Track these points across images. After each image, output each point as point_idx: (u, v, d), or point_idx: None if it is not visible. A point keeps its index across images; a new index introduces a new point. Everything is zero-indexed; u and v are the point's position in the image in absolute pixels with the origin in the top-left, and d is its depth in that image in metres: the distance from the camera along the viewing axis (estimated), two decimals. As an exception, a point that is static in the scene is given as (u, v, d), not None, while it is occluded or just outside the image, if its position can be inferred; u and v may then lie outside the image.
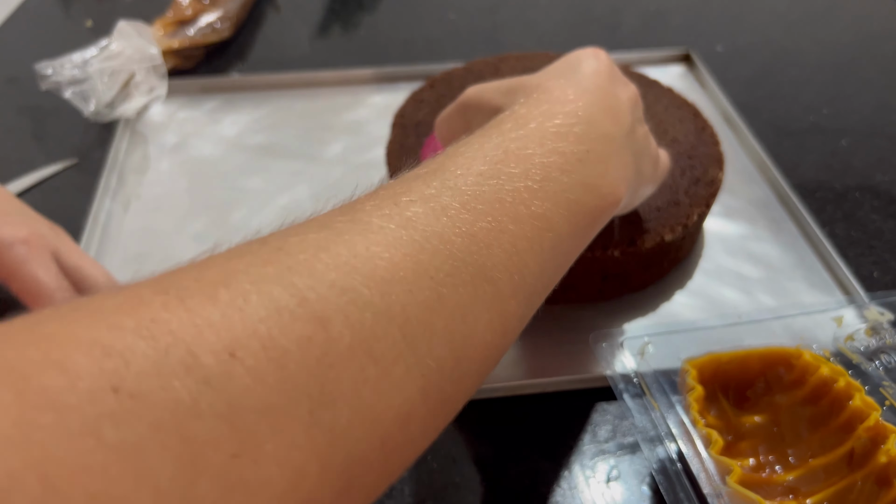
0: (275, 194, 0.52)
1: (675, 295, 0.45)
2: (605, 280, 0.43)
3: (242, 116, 0.59)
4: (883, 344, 0.36)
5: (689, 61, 0.67)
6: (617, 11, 0.77)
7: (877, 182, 0.55)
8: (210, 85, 0.62)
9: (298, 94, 0.62)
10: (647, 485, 0.36)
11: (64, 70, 0.56)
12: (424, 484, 0.36)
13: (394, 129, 0.49)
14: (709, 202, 0.44)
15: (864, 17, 0.77)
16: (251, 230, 0.46)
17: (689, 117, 0.49)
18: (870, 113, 0.62)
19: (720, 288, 0.45)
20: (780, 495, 0.32)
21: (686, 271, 0.47)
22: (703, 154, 0.46)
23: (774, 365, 0.34)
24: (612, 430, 0.38)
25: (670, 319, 0.43)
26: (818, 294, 0.45)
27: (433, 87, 0.52)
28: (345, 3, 0.79)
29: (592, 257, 0.40)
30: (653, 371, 0.34)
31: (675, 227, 0.42)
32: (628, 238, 0.41)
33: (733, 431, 0.34)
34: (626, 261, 0.41)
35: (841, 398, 0.32)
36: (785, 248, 0.48)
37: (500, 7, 0.78)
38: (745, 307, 0.44)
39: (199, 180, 0.53)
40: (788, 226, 0.50)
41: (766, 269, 0.47)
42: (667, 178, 0.43)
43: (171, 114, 0.60)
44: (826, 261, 0.47)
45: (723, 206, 0.51)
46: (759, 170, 0.55)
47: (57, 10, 0.76)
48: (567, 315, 0.43)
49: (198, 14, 0.66)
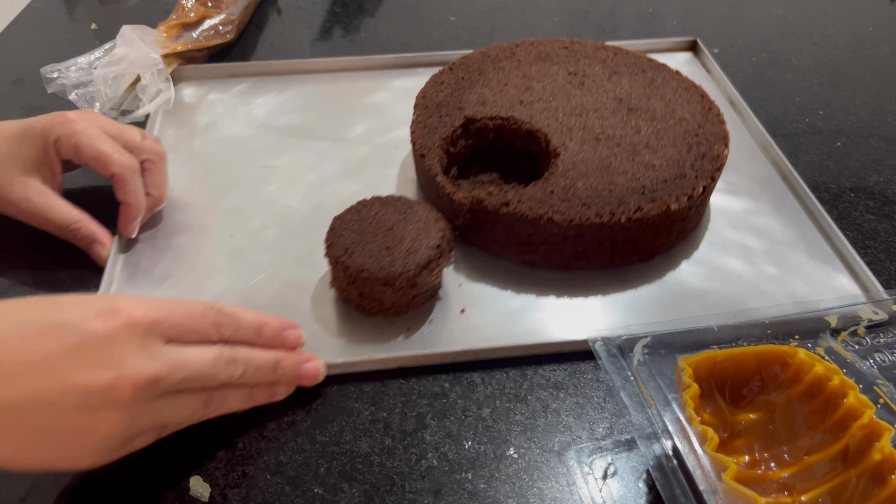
0: (303, 171, 0.55)
1: (682, 264, 0.48)
2: (615, 247, 0.45)
3: (270, 99, 0.62)
4: (877, 342, 0.36)
5: (695, 49, 0.69)
6: (614, 15, 0.78)
7: (872, 183, 0.55)
8: (237, 70, 0.65)
9: (321, 78, 0.65)
10: (644, 481, 0.36)
11: (69, 73, 0.57)
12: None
13: (416, 109, 0.52)
14: (714, 176, 0.46)
15: (860, 19, 0.77)
16: (281, 204, 0.50)
17: (696, 98, 0.52)
18: (865, 115, 0.63)
19: (725, 258, 0.48)
20: (775, 492, 0.33)
21: (692, 243, 0.49)
22: (709, 132, 0.49)
23: (770, 363, 0.35)
24: (609, 427, 0.39)
25: (677, 287, 0.46)
26: (819, 265, 0.48)
27: (452, 70, 0.55)
28: (346, 6, 0.79)
29: (601, 223, 0.43)
30: (649, 369, 0.34)
31: (681, 198, 0.44)
32: (636, 206, 0.43)
33: (729, 429, 0.34)
34: (633, 228, 0.44)
35: (835, 396, 0.33)
36: (787, 223, 0.51)
37: (499, 9, 0.79)
38: (748, 276, 0.47)
39: (231, 158, 0.56)
40: (791, 202, 0.52)
41: (769, 242, 0.49)
42: (674, 153, 0.47)
43: (201, 96, 0.63)
44: (826, 234, 0.50)
45: (727, 184, 0.54)
46: (763, 149, 0.57)
47: (62, 13, 0.77)
48: (581, 278, 0.46)
49: (201, 17, 0.66)
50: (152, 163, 0.48)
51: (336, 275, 0.42)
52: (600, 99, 0.51)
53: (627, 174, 0.45)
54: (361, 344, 0.42)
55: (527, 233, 0.44)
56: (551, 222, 0.43)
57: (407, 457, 0.37)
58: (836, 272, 0.47)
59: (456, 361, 0.41)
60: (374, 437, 0.38)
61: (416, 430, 0.38)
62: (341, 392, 0.40)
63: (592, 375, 0.41)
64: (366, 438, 0.38)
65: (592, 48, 0.57)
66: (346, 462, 0.37)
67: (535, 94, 0.52)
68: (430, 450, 0.37)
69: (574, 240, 0.44)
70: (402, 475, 0.36)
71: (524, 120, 0.49)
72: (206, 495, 0.35)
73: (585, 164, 0.46)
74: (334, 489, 0.36)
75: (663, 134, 0.48)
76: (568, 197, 0.44)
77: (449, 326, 0.43)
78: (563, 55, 0.56)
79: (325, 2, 0.81)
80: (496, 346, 0.41)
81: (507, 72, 0.54)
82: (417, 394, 0.40)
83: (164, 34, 0.63)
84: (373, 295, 0.41)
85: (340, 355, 0.41)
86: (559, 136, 0.48)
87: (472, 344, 0.42)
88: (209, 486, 0.35)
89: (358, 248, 0.41)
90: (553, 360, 0.42)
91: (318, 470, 0.36)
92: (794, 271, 0.47)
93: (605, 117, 0.50)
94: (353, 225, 0.42)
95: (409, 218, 0.42)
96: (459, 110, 0.51)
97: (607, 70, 0.55)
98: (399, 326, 0.43)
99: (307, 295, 0.45)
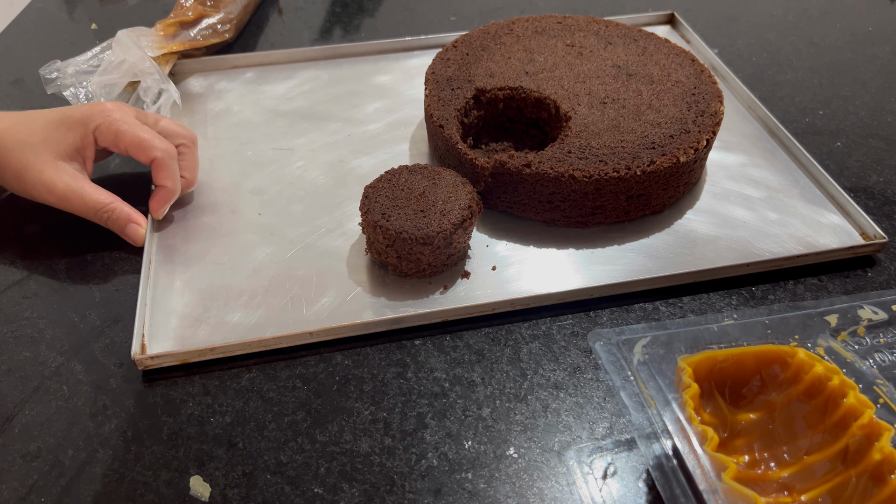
0: (319, 152, 0.57)
1: (689, 214, 0.52)
2: (630, 201, 0.49)
3: (277, 87, 0.64)
4: (877, 342, 0.36)
5: (672, 23, 0.74)
6: (615, 17, 0.78)
7: (872, 183, 0.55)
8: (239, 61, 0.67)
9: (322, 65, 0.67)
10: (644, 481, 0.36)
11: (67, 72, 0.57)
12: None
13: (428, 84, 0.55)
14: (714, 130, 0.50)
15: (860, 19, 0.77)
16: (305, 182, 0.53)
17: (687, 62, 0.56)
18: (865, 115, 0.63)
19: (728, 207, 0.52)
20: (775, 492, 0.33)
21: (696, 195, 0.53)
22: (704, 91, 0.53)
23: (770, 363, 0.35)
24: (609, 427, 0.39)
25: (688, 234, 0.50)
26: (814, 207, 0.52)
27: (456, 48, 0.58)
28: (346, 6, 0.79)
29: (619, 177, 0.47)
30: (649, 369, 0.34)
31: (688, 150, 0.48)
32: (648, 160, 0.47)
33: (729, 429, 0.35)
34: (647, 180, 0.48)
35: (835, 396, 0.33)
36: (780, 173, 0.55)
37: (499, 9, 0.79)
38: (753, 221, 0.51)
39: (247, 142, 0.58)
40: (781, 154, 0.57)
41: (767, 190, 0.54)
42: (675, 112, 0.51)
43: (209, 85, 0.64)
44: (817, 179, 0.54)
45: (722, 141, 0.58)
46: (749, 109, 0.62)
47: (62, 13, 0.77)
48: (598, 232, 0.50)
49: (200, 16, 0.66)
50: (186, 147, 0.51)
51: (374, 239, 0.45)
52: (600, 67, 0.55)
53: (636, 132, 0.49)
54: (403, 302, 0.45)
55: (548, 191, 0.48)
56: (573, 179, 0.47)
57: (407, 457, 0.37)
58: (829, 213, 0.52)
59: (495, 313, 0.44)
60: (374, 437, 0.38)
61: (416, 430, 0.38)
62: (341, 392, 0.40)
63: (592, 375, 0.41)
64: (366, 438, 0.38)
65: (584, 22, 0.61)
66: (346, 462, 0.37)
67: (538, 65, 0.55)
68: (430, 450, 0.37)
69: (593, 195, 0.48)
70: (402, 475, 0.36)
71: (532, 89, 0.53)
72: (206, 495, 0.35)
73: (596, 125, 0.50)
74: (334, 489, 0.36)
75: (663, 95, 0.53)
76: (585, 155, 0.48)
77: (484, 282, 0.46)
78: (559, 29, 0.60)
79: (325, 2, 0.81)
80: (531, 295, 0.44)
81: (508, 46, 0.58)
82: (417, 394, 0.40)
83: (161, 33, 0.63)
84: (411, 256, 0.44)
85: (385, 312, 0.44)
86: (568, 102, 0.52)
87: (508, 296, 0.45)
88: (209, 486, 0.35)
89: (394, 213, 0.43)
90: (577, 307, 0.45)
91: (318, 470, 0.36)
92: (793, 215, 0.51)
93: (607, 83, 0.53)
94: (386, 192, 0.45)
95: (438, 183, 0.45)
96: (470, 83, 0.54)
97: (602, 41, 0.58)
98: (436, 286, 0.46)
99: (342, 262, 0.47)
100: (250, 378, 0.41)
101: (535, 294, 0.44)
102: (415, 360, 0.42)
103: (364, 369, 0.41)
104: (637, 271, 0.47)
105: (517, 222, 0.50)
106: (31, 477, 0.36)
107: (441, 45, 0.68)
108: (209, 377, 0.41)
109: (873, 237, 0.49)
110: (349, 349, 0.42)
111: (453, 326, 0.44)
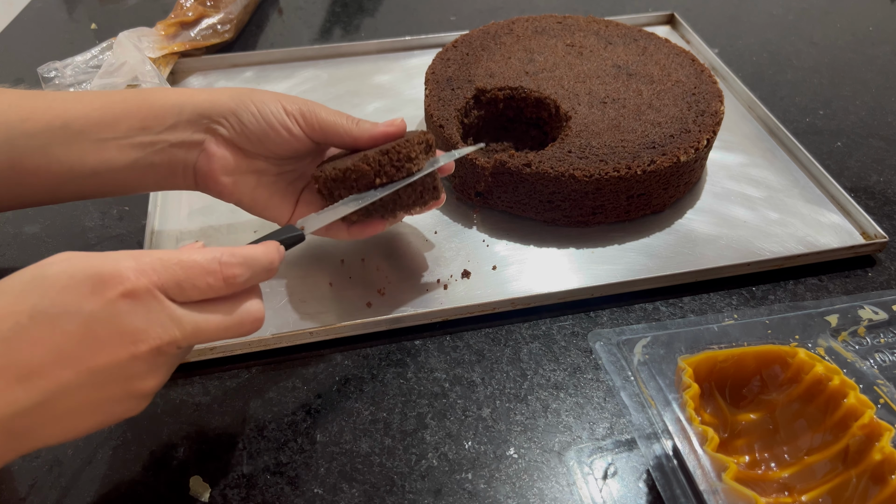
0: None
1: (690, 213, 0.52)
2: (630, 200, 0.49)
3: (277, 85, 0.65)
4: (877, 342, 0.36)
5: (672, 23, 0.74)
6: (615, 17, 0.78)
7: (872, 183, 0.55)
8: (239, 59, 0.67)
9: (321, 65, 0.67)
10: (644, 481, 0.36)
11: (67, 72, 0.57)
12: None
13: (428, 84, 0.55)
14: (715, 129, 0.50)
15: (860, 19, 0.77)
16: None
17: (687, 62, 0.57)
18: (865, 115, 0.63)
19: (729, 206, 0.52)
20: (775, 492, 0.33)
21: (696, 195, 0.53)
22: (705, 91, 0.53)
23: (770, 363, 0.35)
24: (609, 427, 0.39)
25: (689, 234, 0.50)
26: (814, 207, 0.52)
27: (456, 48, 0.58)
28: (346, 6, 0.79)
29: (619, 177, 0.47)
30: (649, 369, 0.34)
31: (689, 150, 0.48)
32: (649, 160, 0.47)
33: (729, 429, 0.34)
34: (647, 180, 0.48)
35: (836, 396, 0.33)
36: (780, 172, 0.55)
37: (499, 9, 0.79)
38: (753, 221, 0.51)
39: None
40: (781, 154, 0.57)
41: (767, 190, 0.54)
42: (676, 111, 0.51)
43: (209, 84, 0.65)
44: (817, 179, 0.54)
45: (722, 141, 0.58)
46: (749, 109, 0.62)
47: (62, 13, 0.77)
48: (598, 231, 0.50)
49: (200, 16, 0.66)
50: None
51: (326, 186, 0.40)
52: (600, 66, 0.55)
53: (637, 132, 0.49)
54: (403, 302, 0.45)
55: (549, 191, 0.48)
56: (573, 178, 0.47)
57: (407, 457, 0.37)
58: (829, 212, 0.52)
59: (495, 312, 0.44)
60: (374, 437, 0.38)
61: (416, 430, 0.38)
62: (341, 392, 0.40)
63: (592, 375, 0.41)
64: (366, 438, 0.38)
65: (584, 22, 0.61)
66: (346, 462, 0.37)
67: (538, 65, 0.55)
68: (430, 450, 0.37)
69: (594, 195, 0.48)
70: (402, 475, 0.36)
71: (532, 88, 0.53)
72: (206, 495, 0.35)
73: (596, 125, 0.50)
74: (334, 489, 0.36)
75: (663, 95, 0.52)
76: (585, 155, 0.48)
77: (484, 282, 0.46)
78: (558, 29, 0.60)
79: (325, 1, 0.81)
80: (531, 295, 0.44)
81: (508, 46, 0.58)
82: (417, 394, 0.40)
83: (161, 33, 0.63)
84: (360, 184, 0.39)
85: (385, 312, 0.44)
86: (568, 102, 0.52)
87: (508, 295, 0.45)
88: (209, 486, 0.35)
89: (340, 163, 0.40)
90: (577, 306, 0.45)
91: (318, 470, 0.36)
92: (794, 214, 0.51)
93: (607, 83, 0.54)
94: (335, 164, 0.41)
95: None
96: (470, 83, 0.54)
97: (602, 41, 0.59)
98: (437, 284, 0.46)
99: (342, 262, 0.47)
100: (250, 378, 0.41)
101: (536, 294, 0.44)
102: (415, 360, 0.42)
103: (364, 369, 0.41)
104: (637, 271, 0.47)
105: (517, 222, 0.50)
106: (31, 477, 0.36)
107: (441, 44, 0.68)
108: (209, 377, 0.41)
109: (874, 237, 0.49)
110: (349, 349, 0.42)
111: (453, 326, 0.44)
